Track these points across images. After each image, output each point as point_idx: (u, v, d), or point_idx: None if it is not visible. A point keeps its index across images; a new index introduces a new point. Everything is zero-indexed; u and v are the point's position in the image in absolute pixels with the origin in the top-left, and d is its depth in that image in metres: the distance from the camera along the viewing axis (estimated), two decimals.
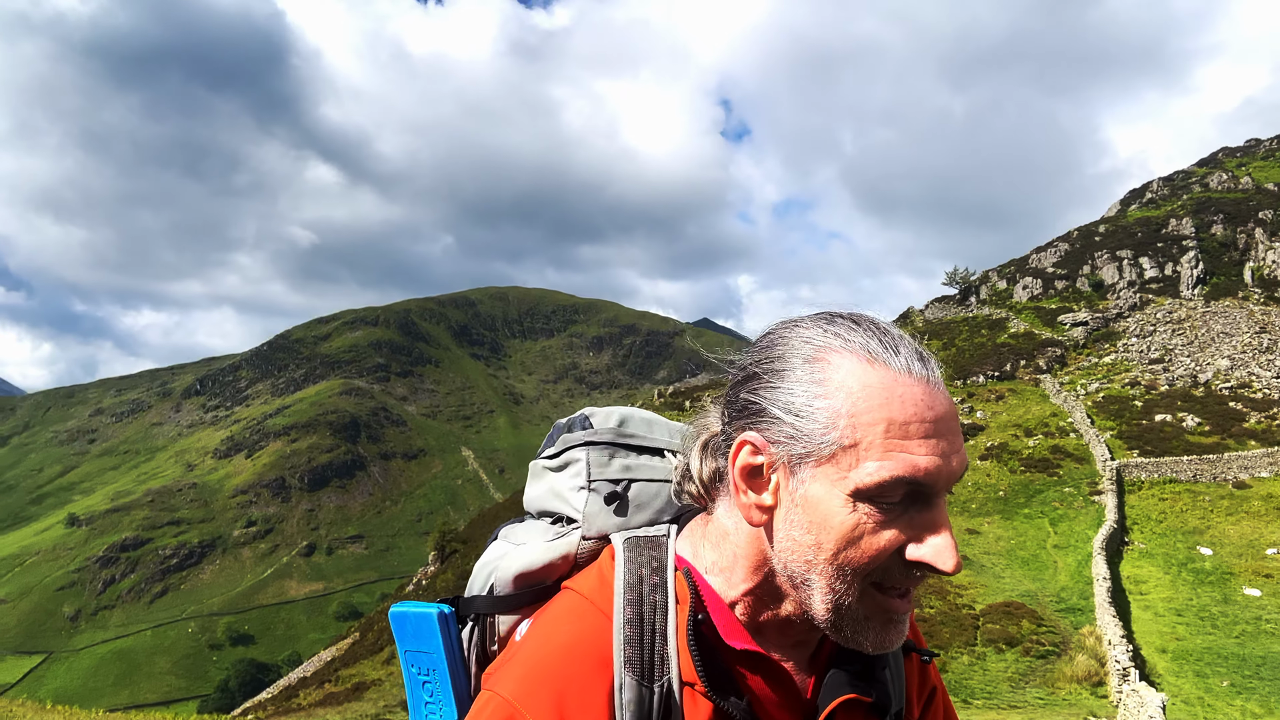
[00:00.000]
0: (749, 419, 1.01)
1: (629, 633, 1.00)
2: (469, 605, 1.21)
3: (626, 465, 1.22)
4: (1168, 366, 51.37)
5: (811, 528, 0.97)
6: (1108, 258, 67.03)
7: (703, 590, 1.06)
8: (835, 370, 0.97)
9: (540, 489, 1.26)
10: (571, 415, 1.32)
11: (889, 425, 0.94)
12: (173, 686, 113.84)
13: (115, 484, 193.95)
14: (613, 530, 1.16)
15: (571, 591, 1.09)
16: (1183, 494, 35.96)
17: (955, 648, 21.42)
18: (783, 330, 1.05)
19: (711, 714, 1.00)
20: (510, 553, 1.20)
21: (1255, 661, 20.57)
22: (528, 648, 1.03)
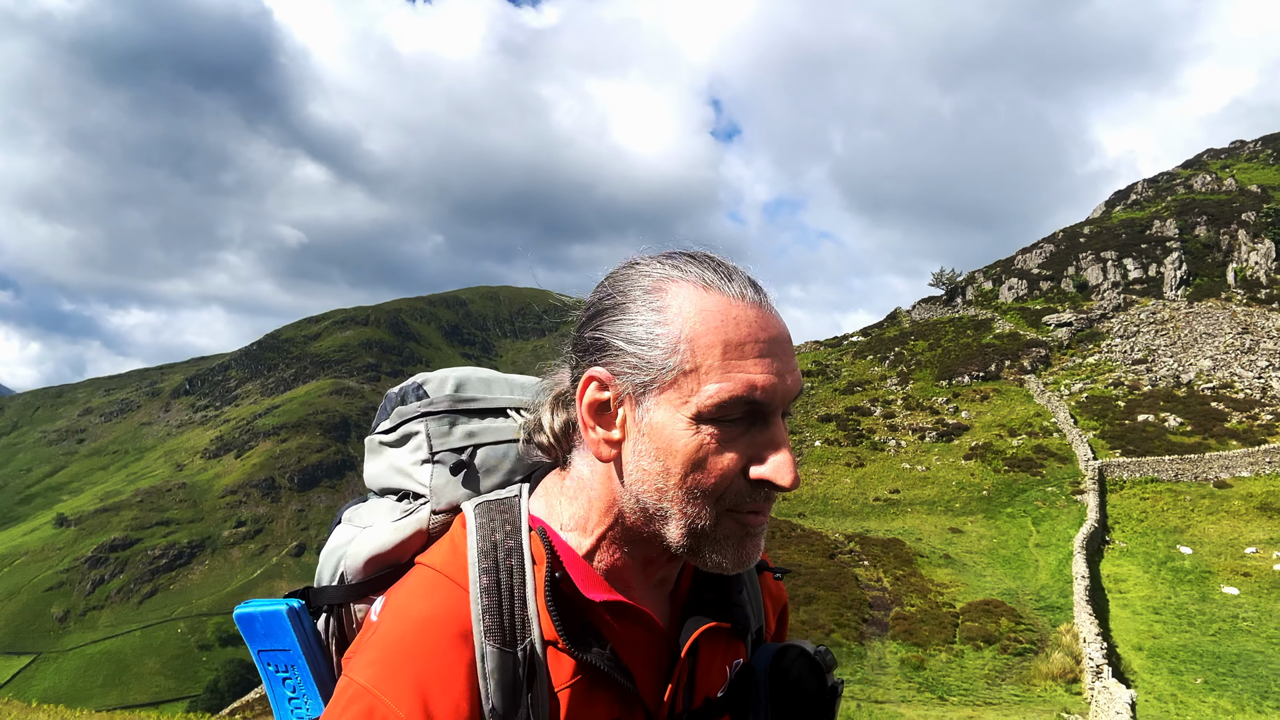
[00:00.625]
0: (595, 355, 1.02)
1: (486, 601, 0.99)
2: (320, 596, 1.18)
3: (469, 431, 1.20)
4: (1151, 367, 51.82)
5: (659, 455, 0.98)
6: (1092, 259, 67.53)
7: (558, 547, 1.06)
8: (673, 298, 0.99)
9: (380, 466, 1.23)
10: (403, 384, 1.29)
11: (725, 346, 0.96)
12: (162, 687, 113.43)
13: (104, 484, 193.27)
14: (463, 499, 1.14)
15: (423, 566, 1.06)
16: (1164, 493, 36.29)
17: (934, 645, 21.69)
18: (624, 268, 1.07)
19: (575, 668, 1.00)
20: (358, 537, 1.16)
21: (1229, 659, 20.85)
22: (382, 629, 0.99)
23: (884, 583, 27.24)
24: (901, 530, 34.84)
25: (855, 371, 62.89)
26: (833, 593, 24.85)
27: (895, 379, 58.76)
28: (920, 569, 28.79)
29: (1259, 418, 42.93)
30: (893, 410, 52.29)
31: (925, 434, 47.70)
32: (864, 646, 21.91)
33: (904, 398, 54.25)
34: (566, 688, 1.00)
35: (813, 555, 28.94)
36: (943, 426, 48.29)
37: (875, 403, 54.22)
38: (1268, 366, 48.55)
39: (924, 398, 53.69)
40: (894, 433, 49.05)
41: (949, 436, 47.07)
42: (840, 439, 48.92)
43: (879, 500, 40.46)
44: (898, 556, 29.77)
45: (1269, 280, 61.04)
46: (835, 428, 50.70)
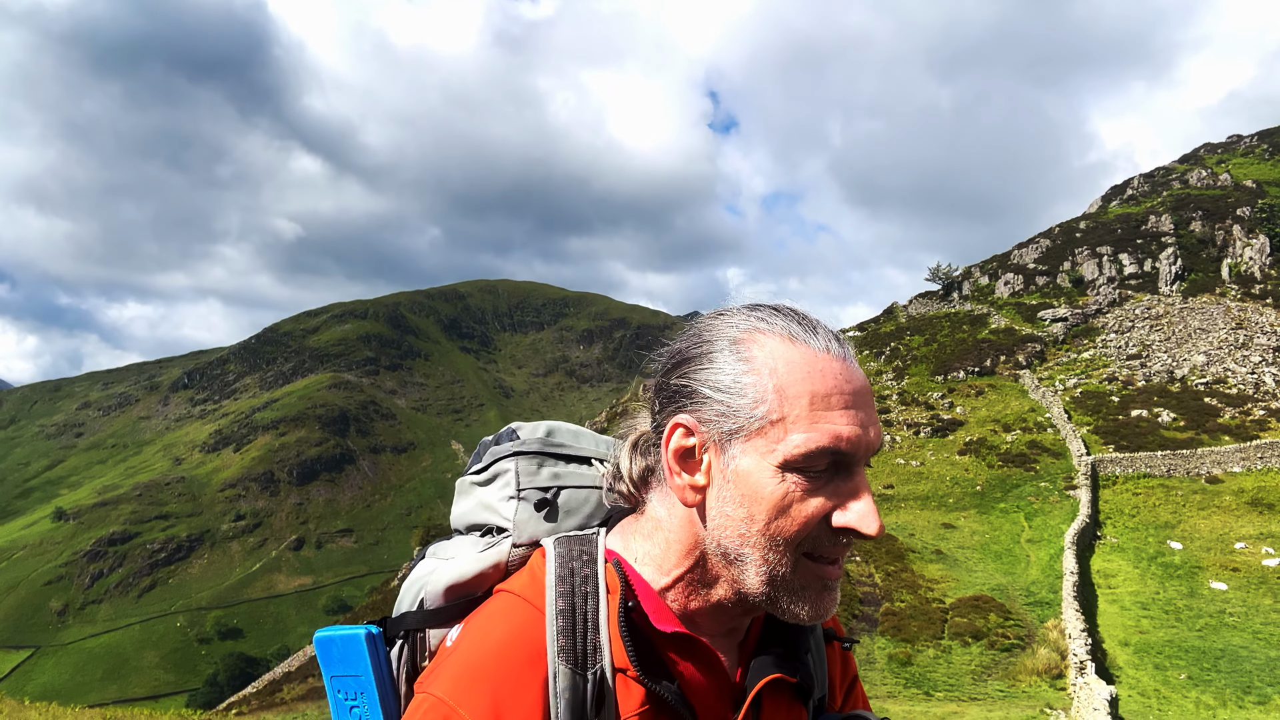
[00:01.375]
0: (680, 402, 1.07)
1: (561, 623, 1.03)
2: (398, 623, 1.22)
3: (555, 473, 1.25)
4: (1145, 362, 52.00)
5: (744, 501, 1.02)
6: (1088, 254, 67.69)
7: (633, 579, 1.10)
8: (760, 349, 1.04)
9: (468, 504, 1.29)
10: (498, 431, 1.35)
11: (812, 398, 1.01)
12: (161, 681, 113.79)
13: (102, 478, 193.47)
14: (543, 536, 1.19)
15: (502, 593, 1.11)
16: (1156, 489, 36.51)
17: (922, 640, 21.87)
18: (709, 319, 1.12)
19: (644, 698, 1.03)
20: (440, 567, 1.21)
21: (1214, 654, 21.04)
22: (461, 649, 1.05)
23: (875, 578, 27.42)
24: (894, 526, 35.01)
25: None
26: None
27: (891, 374, 58.96)
28: (912, 564, 28.97)
29: (1252, 413, 43.12)
30: (888, 405, 52.48)
31: (920, 429, 47.90)
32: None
33: (899, 393, 54.45)
34: (634, 716, 1.03)
35: None
36: (938, 422, 48.49)
37: None
38: (1261, 362, 48.74)
39: (919, 393, 53.88)
40: (889, 428, 49.24)
41: (944, 432, 47.27)
42: None
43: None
44: (889, 552, 29.93)
45: (1263, 275, 61.22)
46: None
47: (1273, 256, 62.22)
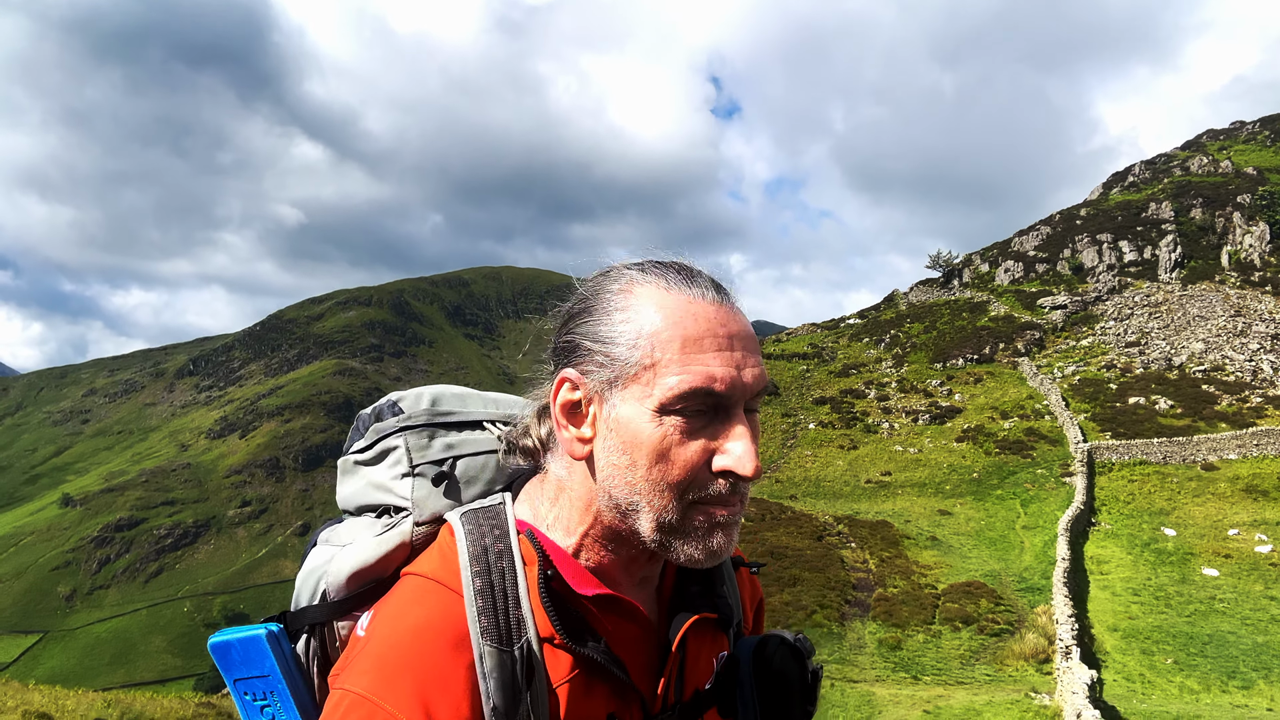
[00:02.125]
0: (567, 357, 1.09)
1: (481, 603, 1.02)
2: (300, 618, 1.19)
3: (448, 444, 1.23)
4: (1143, 349, 52.13)
5: (626, 448, 1.03)
6: (1088, 241, 67.68)
7: (547, 547, 1.10)
8: (635, 298, 1.06)
9: (355, 485, 1.26)
10: (376, 404, 1.32)
11: (684, 341, 1.02)
12: (169, 665, 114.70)
13: (109, 464, 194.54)
14: (446, 510, 1.17)
15: (412, 576, 1.08)
16: (1152, 475, 36.69)
17: (913, 625, 22.18)
18: (597, 276, 1.13)
19: (572, 663, 1.04)
20: (339, 554, 1.18)
21: (1202, 640, 21.31)
22: (376, 639, 1.01)
23: (869, 564, 27.72)
24: (891, 512, 35.28)
25: (851, 354, 63.26)
26: (817, 574, 25.35)
27: (890, 361, 59.15)
28: (906, 551, 29.26)
29: (1249, 400, 43.28)
30: (887, 393, 52.70)
31: (918, 416, 48.13)
32: (844, 627, 22.42)
33: (898, 380, 54.65)
34: (565, 682, 1.03)
35: (800, 537, 29.42)
36: (936, 409, 48.70)
37: (870, 385, 54.62)
38: (1259, 349, 48.88)
39: (918, 380, 54.09)
40: (887, 415, 49.49)
41: (942, 419, 47.50)
42: (834, 421, 49.37)
43: (870, 482, 40.92)
44: (885, 538, 30.23)
45: (1262, 263, 61.20)
46: (830, 410, 51.14)
47: (1272, 244, 62.17)
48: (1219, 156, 77.62)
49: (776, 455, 45.56)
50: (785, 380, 57.39)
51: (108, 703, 9.61)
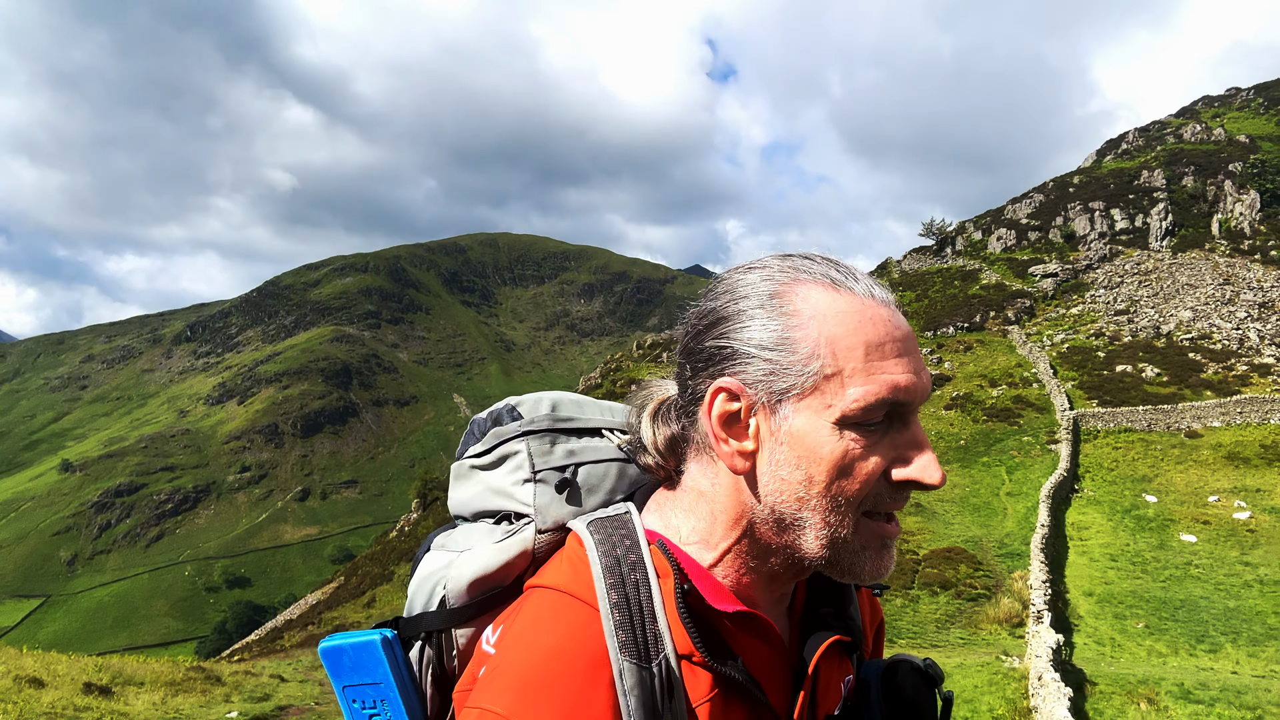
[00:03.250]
0: (719, 364, 1.00)
1: (618, 617, 0.96)
2: (415, 625, 1.14)
3: (570, 450, 1.18)
4: (1132, 318, 52.46)
5: (801, 463, 0.96)
6: (1080, 209, 67.79)
7: (681, 560, 1.04)
8: (804, 300, 0.99)
9: (472, 490, 1.20)
10: (492, 408, 1.27)
11: (867, 348, 0.96)
12: (171, 628, 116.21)
13: (108, 430, 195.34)
14: (568, 518, 1.12)
15: (544, 589, 1.03)
16: (1136, 443, 37.19)
17: (892, 590, 22.70)
18: (738, 272, 1.05)
19: (712, 682, 0.98)
20: (458, 560, 1.12)
21: (1174, 604, 21.80)
22: (513, 658, 0.95)
23: None
24: None
25: None
26: None
27: None
28: None
29: (1234, 368, 43.70)
30: None
31: None
32: None
33: None
34: (705, 702, 0.98)
35: None
36: None
37: None
38: (1246, 318, 49.21)
39: None
40: None
41: (931, 387, 47.97)
42: None
43: None
44: None
45: (1252, 231, 61.37)
46: None
47: (1263, 212, 62.31)
48: (1213, 124, 77.56)
49: None
50: None
51: (99, 667, 10.01)
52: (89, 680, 8.82)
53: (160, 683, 9.99)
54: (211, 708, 9.48)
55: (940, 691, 1.18)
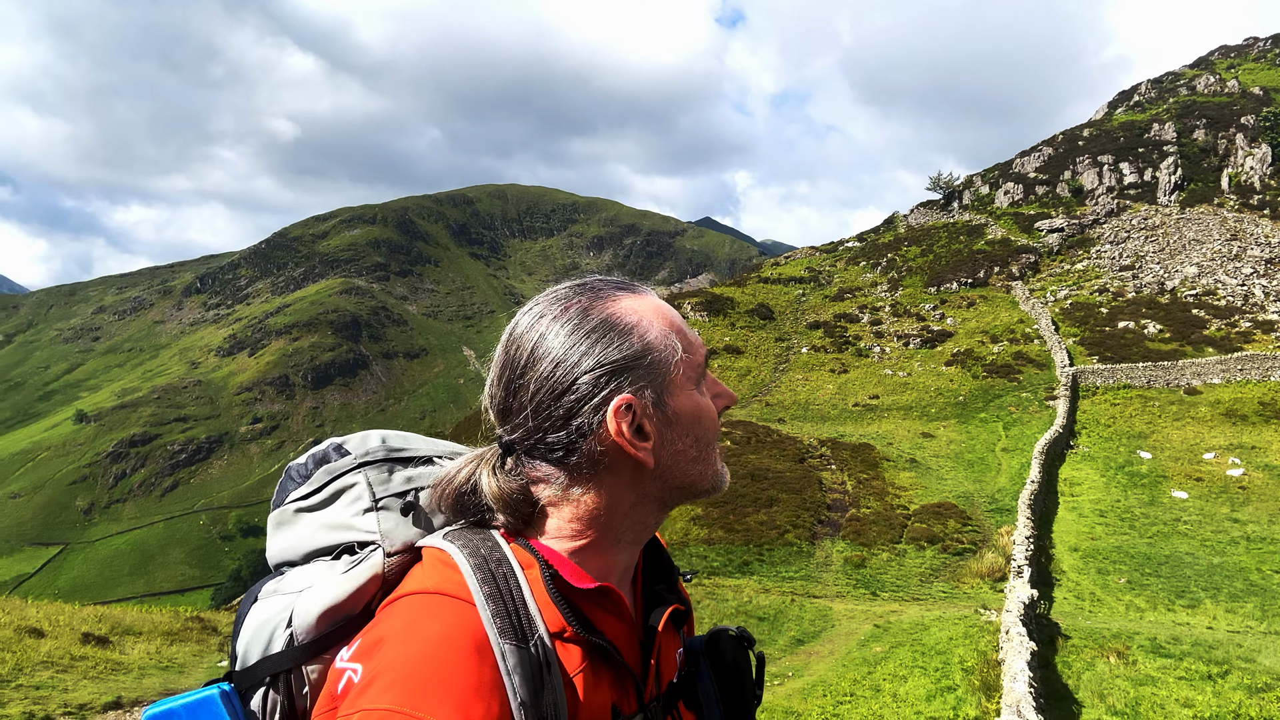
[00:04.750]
0: (603, 394, 1.11)
1: (493, 606, 1.03)
2: (255, 672, 1.11)
3: (408, 476, 1.22)
4: (1137, 274, 52.25)
5: (689, 429, 1.16)
6: (1089, 163, 67.05)
7: (541, 550, 1.13)
8: (630, 312, 1.16)
9: (300, 534, 1.20)
10: (312, 450, 1.28)
11: (682, 324, 1.20)
12: (187, 576, 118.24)
13: (121, 381, 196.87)
14: (416, 539, 1.16)
15: (413, 595, 1.05)
16: (1134, 399, 37.31)
17: (879, 545, 23.10)
18: (557, 323, 1.14)
19: (583, 654, 1.08)
20: (300, 599, 1.11)
21: (1158, 560, 22.09)
22: (390, 656, 0.96)
23: (847, 486, 28.59)
24: (875, 435, 36.03)
25: (847, 278, 63.47)
26: (794, 495, 26.24)
27: (886, 286, 59.39)
28: (885, 473, 30.08)
29: (1238, 325, 43.61)
30: (880, 317, 53.13)
31: (910, 340, 48.67)
32: (814, 546, 23.37)
33: (892, 304, 55.02)
34: (578, 673, 1.07)
35: (783, 460, 30.28)
36: (928, 333, 49.19)
37: (864, 310, 55.02)
38: (1252, 274, 48.96)
39: (912, 304, 54.44)
40: (879, 339, 50.01)
41: (933, 343, 48.02)
42: (827, 345, 49.95)
43: (858, 406, 41.67)
44: (865, 461, 31.04)
45: (1262, 186, 60.67)
46: (823, 334, 51.68)
47: (1273, 166, 61.50)
48: (1227, 76, 76.18)
49: (768, 379, 46.29)
50: (780, 305, 57.81)
51: (99, 617, 10.48)
52: (88, 630, 9.27)
53: (158, 632, 10.46)
54: (205, 657, 9.95)
55: (753, 652, 1.39)
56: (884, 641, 14.64)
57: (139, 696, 8.25)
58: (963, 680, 11.95)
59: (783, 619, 17.14)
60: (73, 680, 8.22)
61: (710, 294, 59.08)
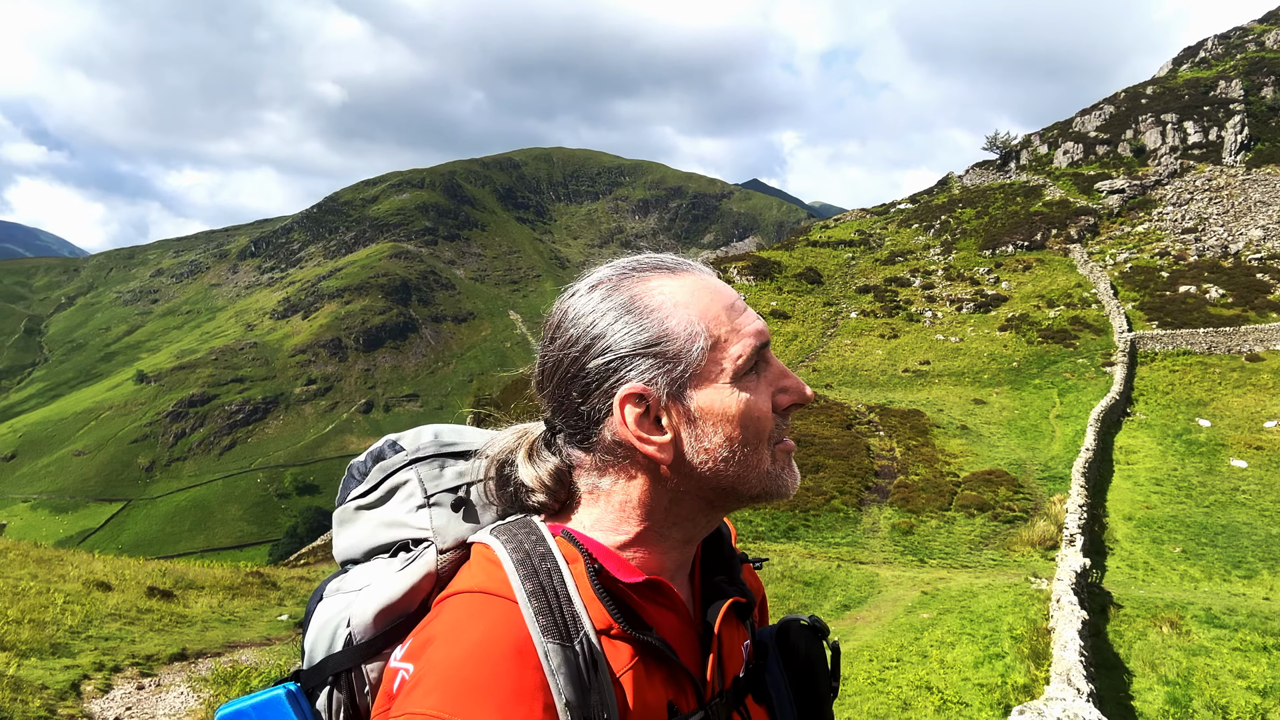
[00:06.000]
0: (613, 379, 1.06)
1: (536, 604, 1.00)
2: (320, 671, 1.12)
3: (460, 471, 1.21)
4: (1200, 236, 50.71)
5: (717, 428, 1.06)
6: (1152, 121, 64.90)
7: (587, 545, 1.09)
8: (659, 293, 1.08)
9: (360, 531, 1.20)
10: (371, 448, 1.28)
11: (727, 310, 1.09)
12: (245, 532, 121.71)
13: (179, 343, 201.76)
14: (468, 535, 1.14)
15: (457, 595, 1.04)
16: (1194, 366, 36.41)
17: (928, 512, 22.94)
18: (580, 299, 1.11)
19: (632, 652, 1.04)
20: (358, 598, 1.12)
21: (1214, 530, 21.67)
22: (435, 659, 0.96)
23: (895, 452, 28.39)
24: (925, 401, 35.65)
25: (899, 241, 62.48)
26: (841, 461, 26.13)
27: (939, 249, 58.38)
28: (934, 439, 29.80)
29: None
30: (932, 281, 52.30)
31: (963, 305, 47.90)
32: (861, 512, 23.30)
33: (945, 268, 54.09)
34: (627, 670, 1.03)
35: (830, 426, 30.13)
36: (981, 297, 48.36)
37: (915, 273, 54.19)
38: None
39: (965, 268, 53.49)
40: (931, 304, 49.27)
41: (986, 308, 47.22)
42: (876, 310, 49.36)
43: (908, 372, 41.22)
44: (914, 427, 30.77)
45: None
46: (872, 299, 51.06)
47: None
48: None
49: (816, 344, 45.93)
50: (829, 268, 57.16)
51: (163, 572, 10.84)
52: (153, 584, 9.60)
53: (219, 587, 10.80)
54: (265, 610, 10.26)
55: (828, 643, 1.30)
56: (931, 608, 14.59)
57: (203, 648, 8.55)
58: (1011, 648, 11.88)
59: (828, 584, 17.15)
60: (139, 632, 8.53)
61: (757, 258, 58.59)
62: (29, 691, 6.05)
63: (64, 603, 8.57)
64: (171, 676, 7.59)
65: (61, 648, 7.57)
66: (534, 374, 1.16)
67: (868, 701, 9.88)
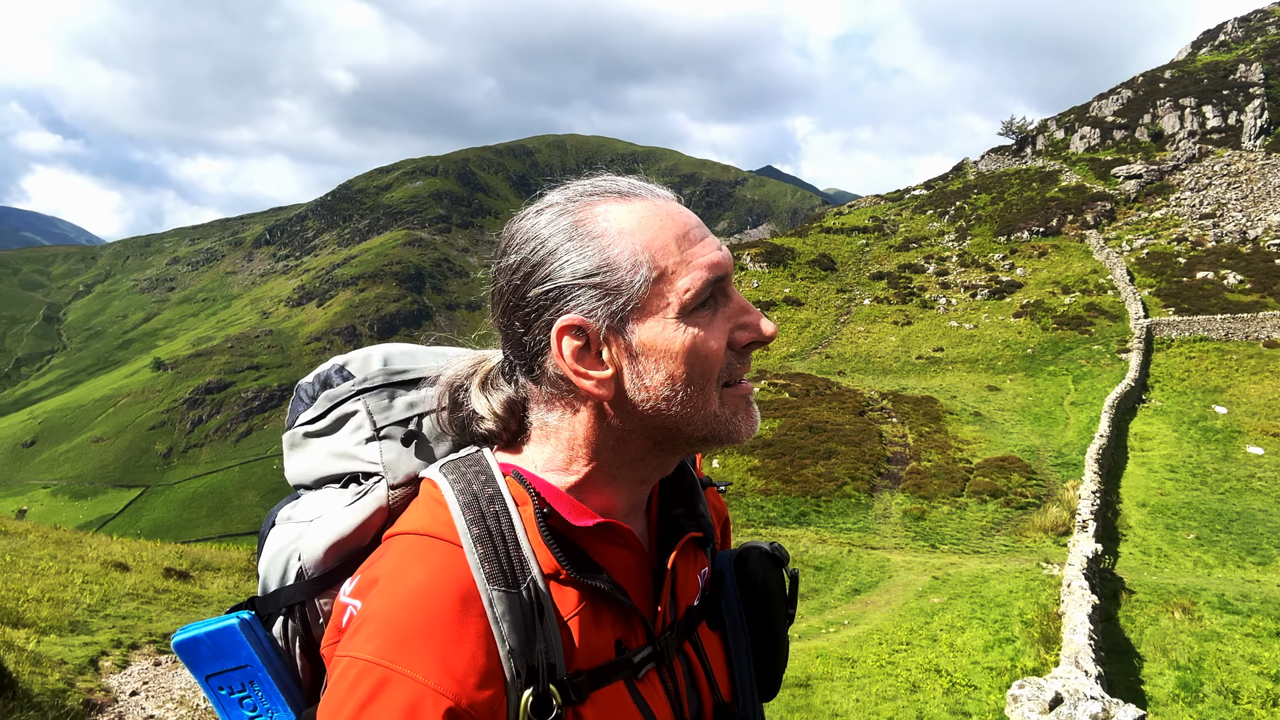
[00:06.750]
0: (552, 308, 1.01)
1: (481, 550, 0.97)
2: (274, 600, 1.10)
3: (410, 402, 1.15)
4: (1218, 222, 50.24)
5: (660, 365, 1.00)
6: (1170, 106, 64.20)
7: (538, 486, 1.05)
8: (605, 219, 1.01)
9: (310, 458, 1.16)
10: (318, 369, 1.23)
11: (678, 241, 1.01)
12: (261, 518, 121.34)
13: (196, 330, 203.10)
14: (420, 469, 1.11)
15: (402, 535, 1.02)
16: (1211, 352, 36.18)
17: (940, 498, 22.92)
18: (528, 220, 1.06)
19: (579, 596, 1.01)
20: (309, 530, 1.09)
21: (1229, 517, 21.58)
22: (378, 603, 0.94)
23: (908, 439, 28.35)
24: (939, 388, 35.56)
25: (913, 227, 62.14)
26: (853, 448, 26.12)
27: (953, 235, 58.04)
28: (947, 426, 29.74)
29: None
30: (946, 268, 52.04)
31: (977, 291, 47.66)
32: (872, 498, 23.30)
33: (959, 254, 53.80)
34: (574, 615, 1.01)
35: (842, 412, 30.11)
36: (996, 284, 48.11)
37: (930, 260, 53.92)
38: None
39: (980, 254, 53.19)
40: (945, 290, 49.05)
41: (1001, 294, 46.98)
42: (890, 297, 49.18)
43: (921, 358, 41.10)
44: (927, 414, 30.71)
45: None
46: (886, 285, 50.87)
47: None
48: None
49: (829, 331, 45.82)
50: (843, 255, 56.95)
51: (180, 554, 10.99)
52: (170, 565, 9.73)
53: (235, 569, 10.94)
54: None
55: (787, 570, 1.28)
56: (942, 593, 14.62)
57: None
58: (1022, 632, 11.90)
59: (839, 569, 17.20)
60: (156, 611, 8.67)
61: (770, 244, 58.44)
62: (48, 666, 6.18)
63: (82, 582, 8.72)
64: None
65: (80, 625, 7.70)
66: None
67: (876, 684, 9.93)
